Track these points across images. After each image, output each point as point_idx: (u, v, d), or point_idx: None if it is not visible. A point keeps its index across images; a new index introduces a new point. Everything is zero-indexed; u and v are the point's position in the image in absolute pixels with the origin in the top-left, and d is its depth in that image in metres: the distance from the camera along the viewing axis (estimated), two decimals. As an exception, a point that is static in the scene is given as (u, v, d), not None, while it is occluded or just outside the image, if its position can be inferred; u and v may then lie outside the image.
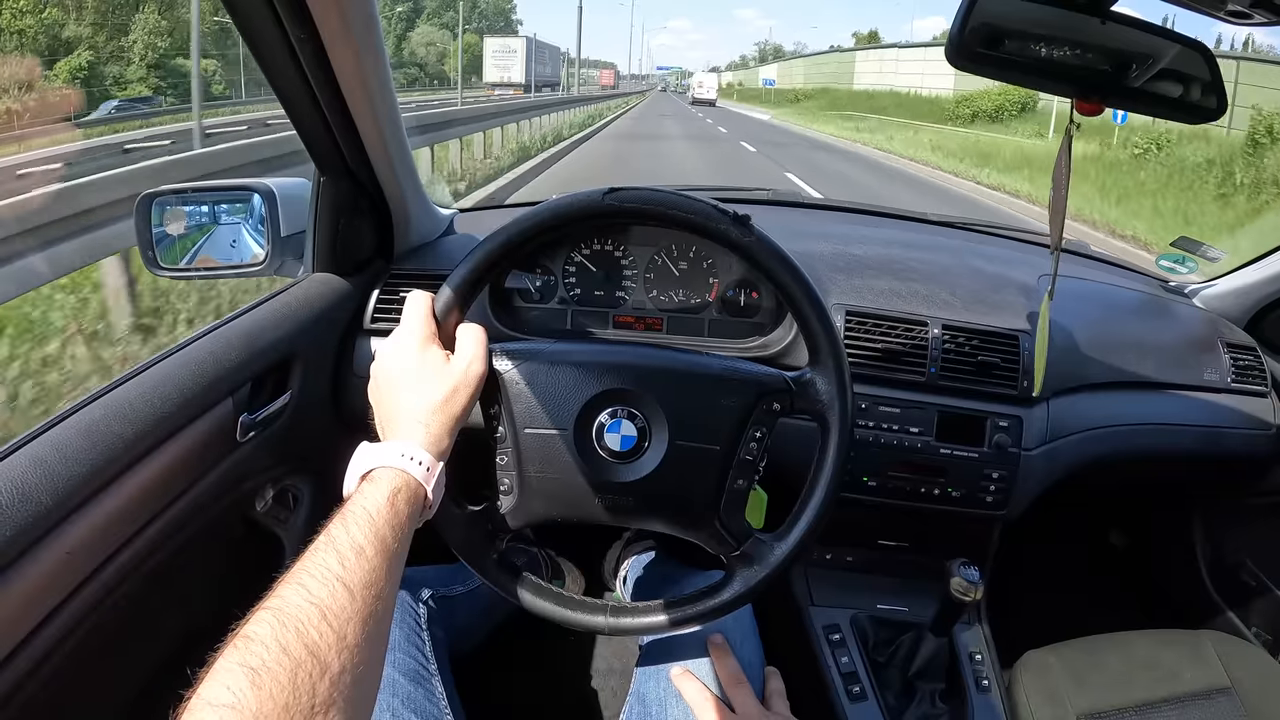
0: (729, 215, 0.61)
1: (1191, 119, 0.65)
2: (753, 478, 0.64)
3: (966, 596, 0.78)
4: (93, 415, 0.59)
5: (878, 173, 11.76)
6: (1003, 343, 0.92)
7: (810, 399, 0.63)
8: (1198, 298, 1.20)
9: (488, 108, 10.73)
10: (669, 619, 0.65)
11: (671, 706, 0.69)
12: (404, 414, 0.55)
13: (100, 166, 3.74)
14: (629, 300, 0.92)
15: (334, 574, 0.42)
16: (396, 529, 0.48)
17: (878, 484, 0.92)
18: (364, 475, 0.51)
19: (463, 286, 0.62)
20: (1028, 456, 0.92)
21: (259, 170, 3.81)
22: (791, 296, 0.63)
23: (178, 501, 0.66)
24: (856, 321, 0.92)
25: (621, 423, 0.63)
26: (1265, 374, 1.07)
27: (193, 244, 0.93)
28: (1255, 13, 0.57)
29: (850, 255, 1.02)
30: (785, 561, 0.63)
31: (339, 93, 0.74)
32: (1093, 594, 1.45)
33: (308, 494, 0.89)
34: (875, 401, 0.91)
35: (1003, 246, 1.28)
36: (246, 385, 0.75)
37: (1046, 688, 0.88)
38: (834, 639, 0.93)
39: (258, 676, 0.35)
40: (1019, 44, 0.62)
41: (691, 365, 0.65)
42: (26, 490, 0.51)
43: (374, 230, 0.96)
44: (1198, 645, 0.92)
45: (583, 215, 0.63)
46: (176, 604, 0.74)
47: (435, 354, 0.58)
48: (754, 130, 20.39)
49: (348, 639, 0.40)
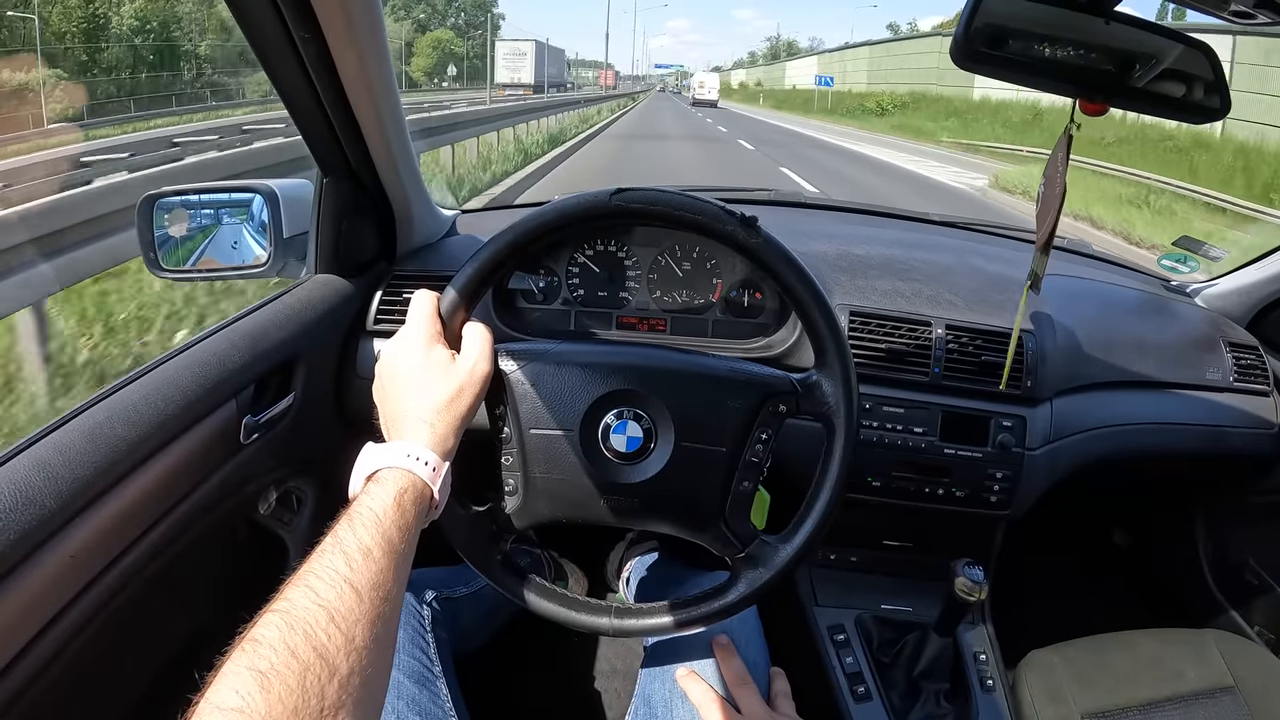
0: (736, 216, 0.61)
1: (1195, 119, 0.65)
2: (758, 479, 0.64)
3: (971, 596, 0.78)
4: (96, 418, 0.59)
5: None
6: (1006, 342, 0.92)
7: (816, 401, 0.63)
8: (1199, 297, 1.20)
9: (508, 107, 11.75)
10: (674, 620, 0.65)
11: (677, 707, 0.69)
12: (409, 414, 0.55)
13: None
14: (632, 301, 0.92)
15: (341, 576, 0.42)
16: (403, 530, 0.48)
17: (882, 484, 0.92)
18: (370, 476, 0.51)
19: (468, 286, 0.62)
20: (1031, 456, 0.92)
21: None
22: (798, 298, 0.63)
23: (181, 504, 0.66)
24: (860, 322, 0.92)
25: (627, 424, 0.63)
26: (1267, 373, 1.07)
27: (195, 246, 0.93)
28: (1259, 12, 0.57)
29: (853, 255, 1.02)
30: (791, 564, 0.63)
31: (343, 94, 0.74)
32: (1096, 593, 1.45)
33: (311, 496, 0.89)
34: (879, 402, 0.91)
35: (1005, 246, 1.28)
36: (250, 387, 0.75)
37: (1051, 687, 0.88)
38: (839, 639, 0.93)
39: (266, 680, 0.35)
40: (1023, 44, 0.62)
41: (698, 366, 0.65)
42: (30, 493, 0.51)
43: (377, 231, 0.96)
44: (1201, 644, 0.92)
45: (589, 216, 0.63)
46: (181, 607, 0.74)
47: (441, 354, 0.58)
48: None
49: (356, 641, 0.40)
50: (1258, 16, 0.58)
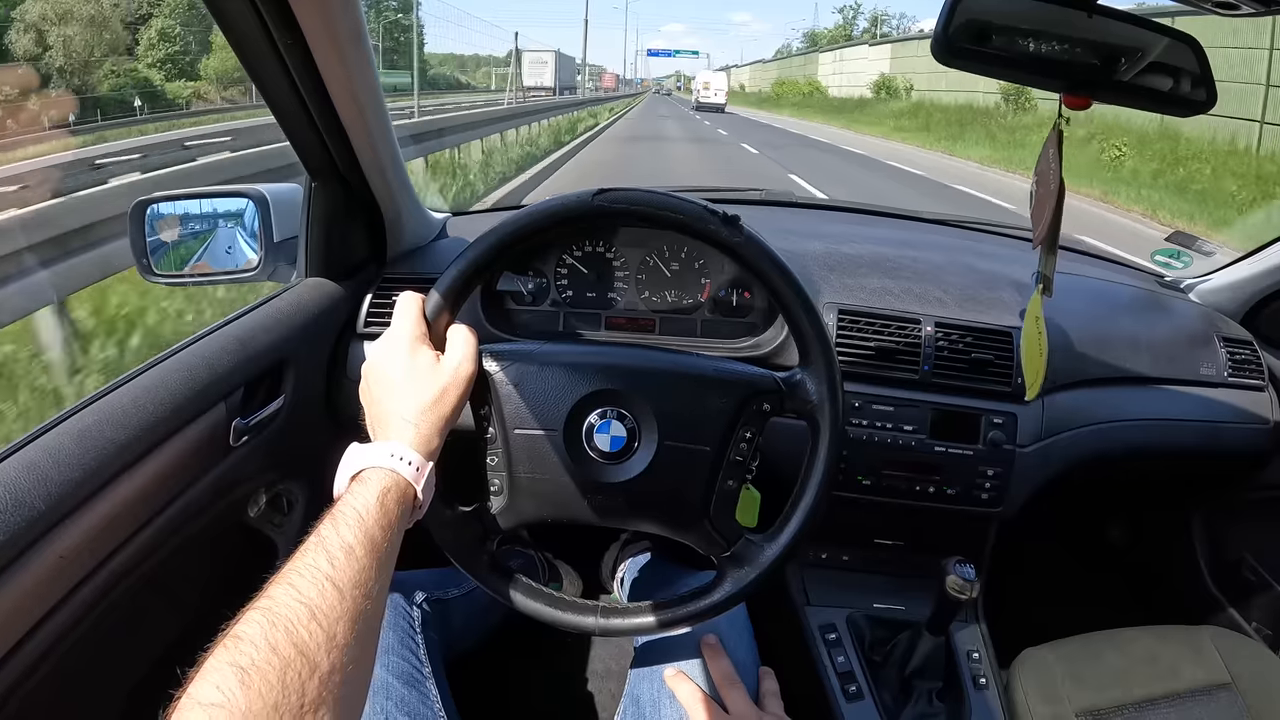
0: (719, 215, 0.61)
1: (1181, 112, 0.65)
2: (743, 478, 0.64)
3: (962, 594, 0.77)
4: (85, 421, 0.60)
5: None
6: (996, 339, 0.92)
7: (800, 399, 0.63)
8: (1193, 292, 1.20)
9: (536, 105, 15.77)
10: (659, 620, 0.65)
11: (665, 708, 0.69)
12: (394, 414, 0.55)
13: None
14: (621, 301, 0.92)
15: (323, 573, 0.42)
16: (386, 529, 0.48)
17: (872, 483, 0.91)
18: (354, 476, 0.51)
19: (453, 288, 0.62)
20: (1022, 453, 0.91)
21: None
22: (781, 296, 0.63)
23: (171, 506, 0.66)
24: (849, 320, 0.92)
25: (611, 423, 0.63)
26: (1262, 368, 1.06)
27: (187, 250, 0.93)
28: (1243, 4, 0.57)
29: (842, 254, 1.02)
30: (776, 562, 0.63)
31: (327, 98, 0.75)
32: (1090, 591, 1.44)
33: (302, 498, 0.89)
34: (869, 400, 0.90)
35: (995, 244, 1.28)
36: (239, 390, 0.75)
37: (1044, 685, 0.87)
38: (830, 638, 0.93)
39: (247, 675, 0.36)
40: (1006, 39, 0.62)
41: (680, 366, 0.65)
42: (19, 495, 0.51)
43: (366, 234, 0.96)
44: (1197, 641, 0.91)
45: (572, 216, 0.63)
46: (170, 609, 0.74)
47: (425, 355, 0.59)
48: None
49: (337, 638, 0.40)
50: (1241, 8, 0.58)
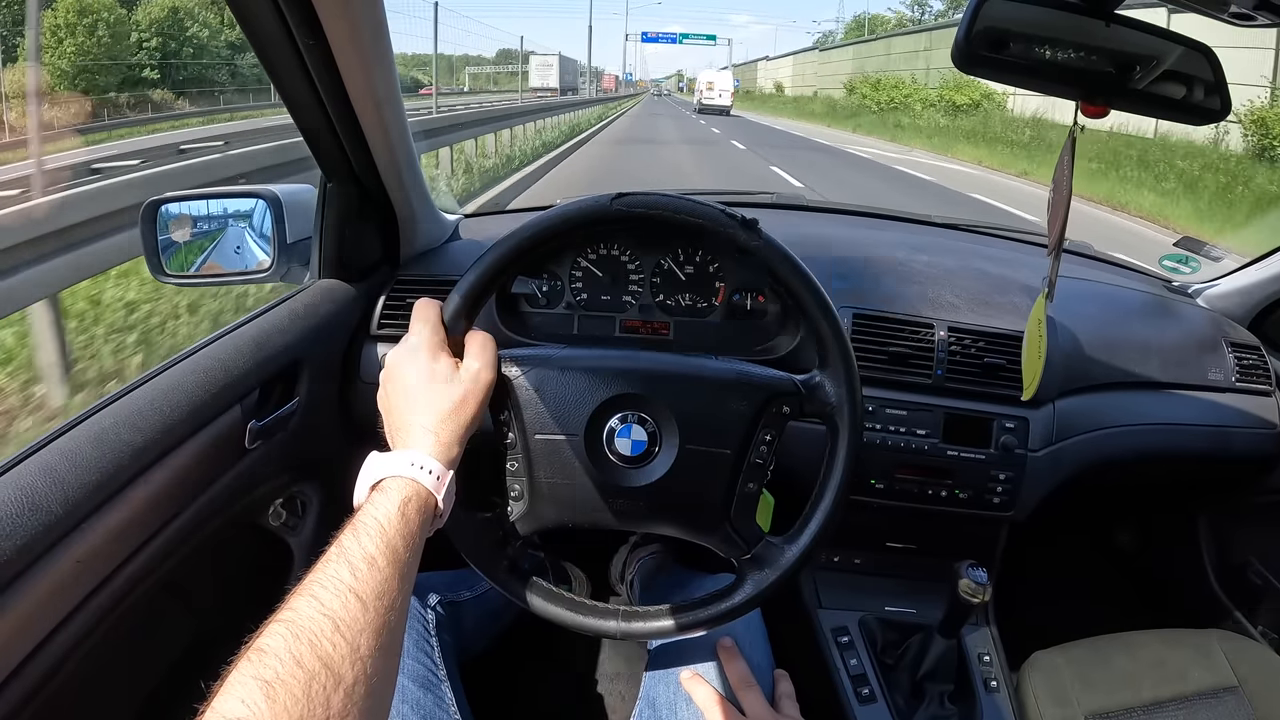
0: (737, 219, 0.62)
1: (1195, 120, 0.65)
2: (762, 481, 0.64)
3: (974, 598, 0.78)
4: (102, 423, 0.60)
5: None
6: (1008, 344, 0.92)
7: (819, 402, 0.64)
8: (1201, 297, 1.20)
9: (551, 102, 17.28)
10: (680, 623, 0.65)
11: (681, 710, 0.69)
12: (414, 423, 0.55)
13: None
14: (635, 305, 0.92)
15: (346, 585, 0.42)
16: (408, 539, 0.48)
17: (885, 486, 0.92)
18: (374, 485, 0.51)
19: (471, 293, 0.62)
20: (1034, 458, 0.92)
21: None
22: (800, 300, 0.63)
23: (186, 510, 0.66)
24: (864, 324, 0.92)
25: (632, 427, 0.63)
26: (1270, 373, 1.07)
27: (199, 251, 0.93)
28: (1259, 14, 0.57)
29: (855, 258, 1.02)
30: (796, 564, 0.63)
31: (346, 99, 0.75)
32: (1099, 594, 1.45)
33: (316, 501, 0.89)
34: (882, 404, 0.91)
35: (1006, 248, 1.28)
36: (254, 392, 0.75)
37: (1054, 688, 0.87)
38: (843, 641, 0.93)
39: (272, 689, 0.36)
40: (1024, 47, 0.63)
41: (701, 369, 0.65)
42: (36, 499, 0.51)
43: (380, 236, 0.96)
44: (1205, 645, 0.91)
45: (591, 220, 0.63)
46: (186, 612, 0.74)
47: (444, 362, 0.58)
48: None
49: (361, 650, 0.40)
50: (1257, 19, 0.58)
